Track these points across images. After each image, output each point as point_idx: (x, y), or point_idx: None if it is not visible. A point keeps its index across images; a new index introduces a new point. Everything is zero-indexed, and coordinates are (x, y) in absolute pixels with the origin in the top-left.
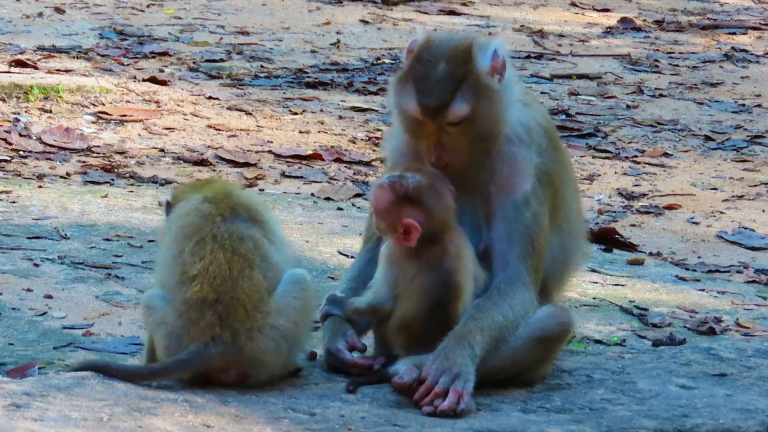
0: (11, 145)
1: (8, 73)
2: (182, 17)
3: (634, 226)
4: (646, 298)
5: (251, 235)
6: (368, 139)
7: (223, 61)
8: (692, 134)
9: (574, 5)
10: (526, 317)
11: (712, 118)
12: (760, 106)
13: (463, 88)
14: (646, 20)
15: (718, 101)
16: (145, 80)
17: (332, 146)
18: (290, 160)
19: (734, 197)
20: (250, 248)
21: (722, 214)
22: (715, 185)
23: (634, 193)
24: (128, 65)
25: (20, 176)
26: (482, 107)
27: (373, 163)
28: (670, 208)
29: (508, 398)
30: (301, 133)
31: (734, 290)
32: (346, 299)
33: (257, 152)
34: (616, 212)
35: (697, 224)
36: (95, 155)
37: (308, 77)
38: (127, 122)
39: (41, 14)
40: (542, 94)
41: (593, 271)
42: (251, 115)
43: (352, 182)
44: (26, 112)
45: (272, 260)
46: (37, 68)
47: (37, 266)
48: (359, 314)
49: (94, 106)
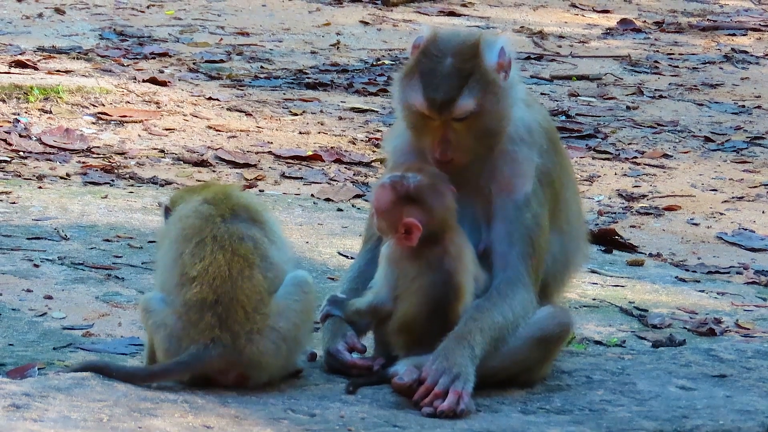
0: (11, 145)
1: (8, 73)
2: (182, 18)
3: (634, 227)
4: (645, 299)
5: (251, 235)
6: (368, 140)
7: (223, 62)
8: (692, 135)
9: (574, 6)
10: (525, 318)
11: (711, 119)
12: (759, 107)
13: (470, 83)
14: (646, 21)
15: (717, 102)
16: (145, 81)
17: (332, 147)
18: (290, 161)
19: (734, 198)
20: (250, 248)
21: (722, 215)
22: (714, 186)
23: (633, 194)
24: (128, 66)
25: (20, 177)
26: (488, 103)
27: (373, 164)
28: (670, 209)
29: (507, 399)
30: (301, 134)
31: (734, 291)
32: (346, 300)
33: (257, 153)
34: (616, 213)
35: (696, 225)
36: (95, 156)
37: (308, 78)
38: (127, 123)
39: (41, 15)
40: (542, 95)
41: (593, 272)
42: (251, 115)
43: (352, 183)
44: (26, 112)
45: (273, 260)
46: (37, 69)
47: (37, 267)
48: (360, 315)
49: (94, 106)
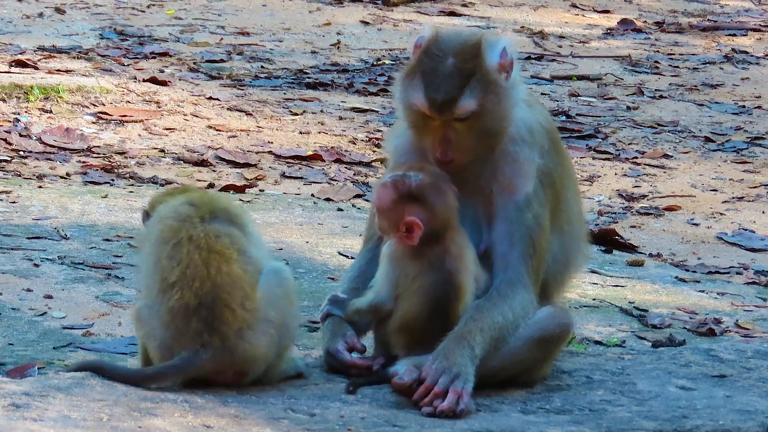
0: (11, 145)
1: (8, 73)
2: (182, 18)
3: (634, 227)
4: (645, 299)
5: (228, 233)
6: (368, 139)
7: (223, 61)
8: (692, 136)
9: (574, 6)
10: (526, 318)
11: (712, 119)
12: (760, 107)
13: (471, 83)
14: (646, 22)
15: (718, 103)
16: (145, 80)
17: (332, 147)
18: (290, 160)
19: (734, 199)
20: (226, 244)
21: (722, 215)
22: (715, 186)
23: (634, 194)
24: (128, 65)
25: (20, 176)
26: (490, 103)
27: (373, 164)
28: (670, 209)
29: (507, 399)
30: (301, 133)
31: (734, 291)
32: (347, 299)
33: (257, 153)
34: (616, 213)
35: (697, 225)
36: (95, 155)
37: (308, 78)
38: (127, 122)
39: (42, 14)
40: (542, 95)
41: (593, 272)
42: (251, 115)
43: (352, 183)
44: (26, 112)
45: (251, 255)
46: (37, 68)
47: (37, 266)
48: (360, 314)
49: (94, 106)
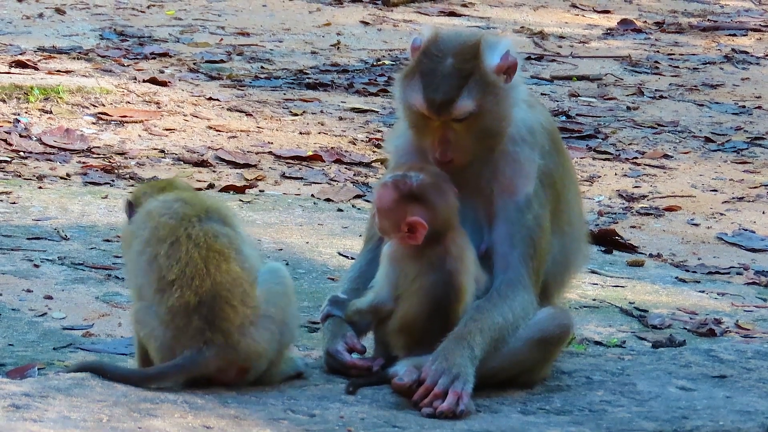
0: (11, 145)
1: (8, 73)
2: (182, 18)
3: (634, 227)
4: (646, 299)
5: (225, 232)
6: (368, 140)
7: (223, 62)
8: (692, 136)
9: (574, 7)
10: (526, 319)
11: (712, 119)
12: (760, 107)
13: (469, 83)
14: (646, 22)
15: (718, 103)
16: (145, 81)
17: (332, 147)
18: (290, 161)
19: (734, 199)
20: (225, 243)
21: (722, 215)
22: (715, 187)
23: (634, 194)
24: (128, 66)
25: (20, 177)
26: (488, 104)
27: (373, 164)
28: (670, 209)
29: (507, 400)
30: (301, 134)
31: (734, 292)
32: (347, 300)
33: (257, 153)
34: (616, 214)
35: (697, 226)
36: (95, 156)
37: (308, 78)
38: (127, 123)
39: (42, 15)
40: (542, 95)
41: (593, 272)
42: (251, 116)
43: (352, 183)
44: (26, 112)
45: (246, 254)
46: (37, 69)
47: (37, 267)
48: (361, 315)
49: (94, 107)
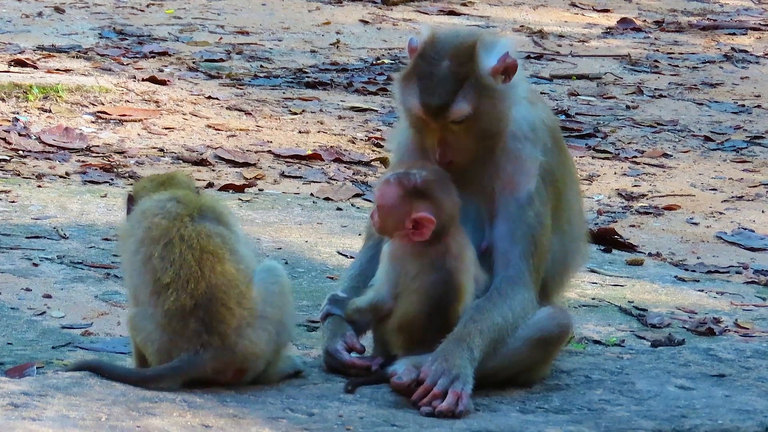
0: (10, 144)
1: (8, 72)
2: (182, 17)
3: (633, 226)
4: (645, 298)
5: (218, 232)
6: (368, 139)
7: (222, 60)
8: (692, 135)
9: (573, 6)
10: (525, 318)
11: (711, 118)
12: (759, 106)
13: (465, 87)
14: (645, 21)
15: (717, 102)
16: (144, 80)
17: (332, 146)
18: (290, 160)
19: (734, 198)
20: (218, 244)
21: (722, 214)
22: (714, 186)
23: (633, 193)
24: (128, 65)
25: (19, 176)
26: (485, 106)
27: (372, 163)
28: (669, 208)
29: (506, 399)
30: (300, 133)
31: (733, 291)
32: (347, 299)
33: (257, 152)
34: (615, 213)
35: (696, 225)
36: (94, 155)
37: (308, 77)
38: (126, 122)
39: (41, 14)
40: (542, 94)
41: (592, 271)
42: (251, 115)
43: (351, 182)
44: (26, 111)
45: (241, 253)
46: (36, 68)
47: (36, 266)
48: (360, 313)
49: (93, 105)
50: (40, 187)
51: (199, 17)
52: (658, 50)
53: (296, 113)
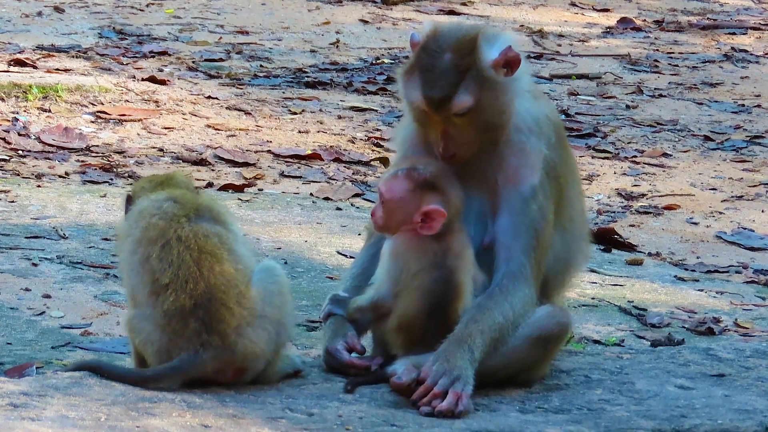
0: (10, 144)
1: (7, 72)
2: (181, 17)
3: (633, 226)
4: (644, 298)
5: (216, 232)
6: (367, 138)
7: (222, 60)
8: (692, 134)
9: (573, 5)
10: (525, 316)
11: (711, 118)
12: (759, 106)
13: (467, 79)
14: (645, 20)
15: (717, 101)
16: (144, 80)
17: (331, 146)
18: (289, 159)
19: (733, 197)
20: (216, 244)
21: (721, 214)
22: (714, 185)
23: (633, 193)
24: (127, 64)
25: (19, 176)
26: (487, 98)
27: (372, 163)
28: (669, 208)
29: (506, 398)
30: (300, 132)
31: (733, 290)
32: (348, 298)
33: (256, 152)
34: (615, 212)
35: (696, 224)
36: (94, 155)
37: (307, 77)
38: (126, 122)
39: (40, 13)
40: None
41: (592, 271)
42: (250, 114)
43: (351, 182)
44: (25, 111)
45: (239, 253)
46: (36, 67)
47: (35, 266)
48: (362, 312)
49: (93, 105)
50: (39, 187)
51: (198, 17)
52: (658, 50)
53: (296, 113)
